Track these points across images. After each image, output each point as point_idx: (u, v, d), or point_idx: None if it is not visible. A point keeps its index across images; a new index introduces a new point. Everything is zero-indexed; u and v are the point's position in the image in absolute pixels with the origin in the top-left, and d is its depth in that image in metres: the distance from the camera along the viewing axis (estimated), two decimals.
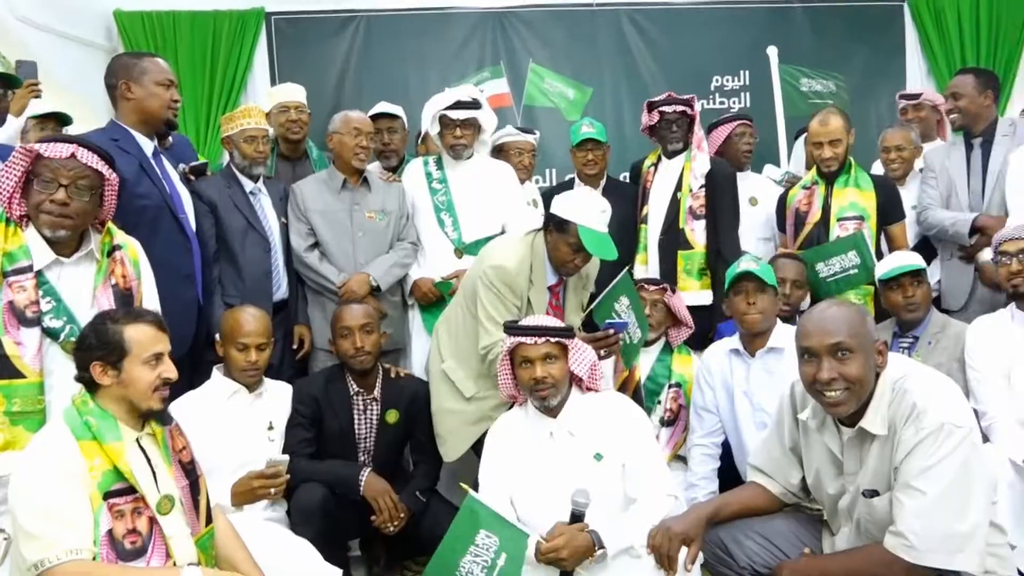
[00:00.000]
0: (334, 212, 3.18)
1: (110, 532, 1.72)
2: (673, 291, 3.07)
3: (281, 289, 3.14)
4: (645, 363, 3.04)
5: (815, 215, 3.27)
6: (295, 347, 3.16)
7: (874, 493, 1.87)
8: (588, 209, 2.55)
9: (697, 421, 2.86)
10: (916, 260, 2.84)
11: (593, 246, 2.52)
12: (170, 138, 3.43)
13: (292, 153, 3.67)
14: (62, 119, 3.32)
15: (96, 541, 1.70)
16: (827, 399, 1.86)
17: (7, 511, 1.84)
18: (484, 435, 2.48)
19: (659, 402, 3.00)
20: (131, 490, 1.76)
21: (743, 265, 2.73)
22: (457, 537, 2.06)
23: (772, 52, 4.43)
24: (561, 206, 2.57)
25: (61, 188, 1.95)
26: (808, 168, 3.88)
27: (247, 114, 3.15)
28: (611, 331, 2.60)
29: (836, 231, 3.20)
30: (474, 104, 3.26)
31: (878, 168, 3.75)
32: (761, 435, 2.25)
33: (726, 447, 2.84)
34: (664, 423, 3.00)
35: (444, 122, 3.27)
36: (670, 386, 3.00)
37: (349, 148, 3.17)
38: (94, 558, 1.69)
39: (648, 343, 3.03)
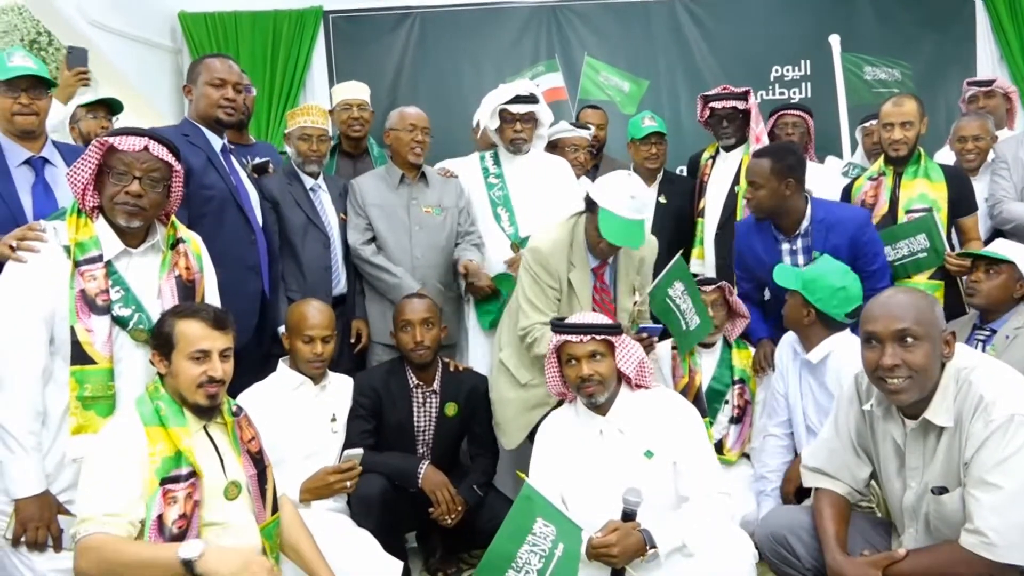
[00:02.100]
0: (392, 207, 3.22)
1: (160, 517, 1.78)
2: (731, 290, 3.00)
3: (340, 284, 3.19)
4: (707, 366, 2.98)
5: (882, 207, 3.16)
6: (352, 341, 3.20)
7: (943, 490, 1.81)
8: (617, 193, 2.52)
9: (771, 408, 2.78)
10: (1008, 253, 2.68)
11: (610, 230, 2.50)
12: (252, 138, 3.53)
13: (353, 150, 3.72)
14: (112, 106, 3.36)
15: (147, 524, 1.77)
16: (888, 386, 1.81)
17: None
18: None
19: (727, 401, 2.93)
20: (187, 476, 1.82)
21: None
22: (514, 526, 2.05)
23: (834, 40, 4.31)
24: (595, 187, 2.60)
25: (135, 180, 2.00)
26: (870, 158, 3.78)
27: (306, 112, 3.20)
28: (644, 335, 2.63)
29: None
30: (532, 98, 3.26)
31: (942, 158, 3.61)
32: (821, 434, 2.19)
33: None
34: (732, 421, 2.94)
35: (504, 116, 3.27)
36: (734, 382, 2.95)
37: (405, 144, 3.21)
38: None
39: (706, 345, 2.98)
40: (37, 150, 2.38)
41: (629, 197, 2.52)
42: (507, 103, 3.22)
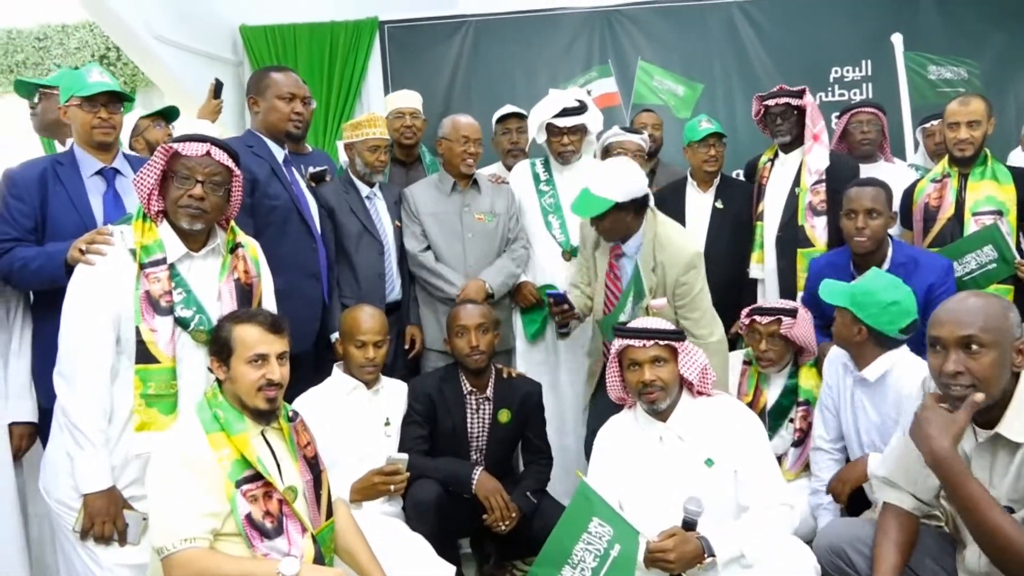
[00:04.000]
0: (445, 214, 3.24)
1: (249, 515, 1.83)
2: (793, 316, 2.78)
3: (394, 291, 3.22)
4: (773, 389, 2.88)
5: (947, 209, 3.06)
6: (407, 347, 3.23)
7: (1010, 509, 1.72)
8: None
9: (822, 424, 2.67)
10: None
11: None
12: (309, 147, 3.62)
13: (406, 158, 3.76)
14: (167, 115, 3.44)
15: (239, 523, 1.81)
16: (952, 393, 1.73)
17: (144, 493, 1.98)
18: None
19: (791, 420, 2.82)
20: (259, 476, 1.86)
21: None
22: (570, 523, 2.05)
23: (897, 39, 4.18)
24: None
25: (198, 184, 2.06)
26: (933, 160, 3.67)
27: (372, 123, 3.21)
28: (551, 299, 2.78)
29: (971, 227, 2.99)
30: (580, 109, 3.23)
31: (1016, 160, 3.48)
32: (890, 443, 2.10)
33: None
34: (794, 444, 2.81)
35: (551, 130, 3.26)
36: (798, 404, 2.82)
37: (456, 155, 3.23)
38: (228, 546, 1.81)
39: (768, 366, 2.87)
40: (109, 161, 2.47)
41: (598, 169, 2.74)
42: (554, 117, 3.20)
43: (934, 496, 1.99)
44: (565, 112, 3.20)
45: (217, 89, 3.69)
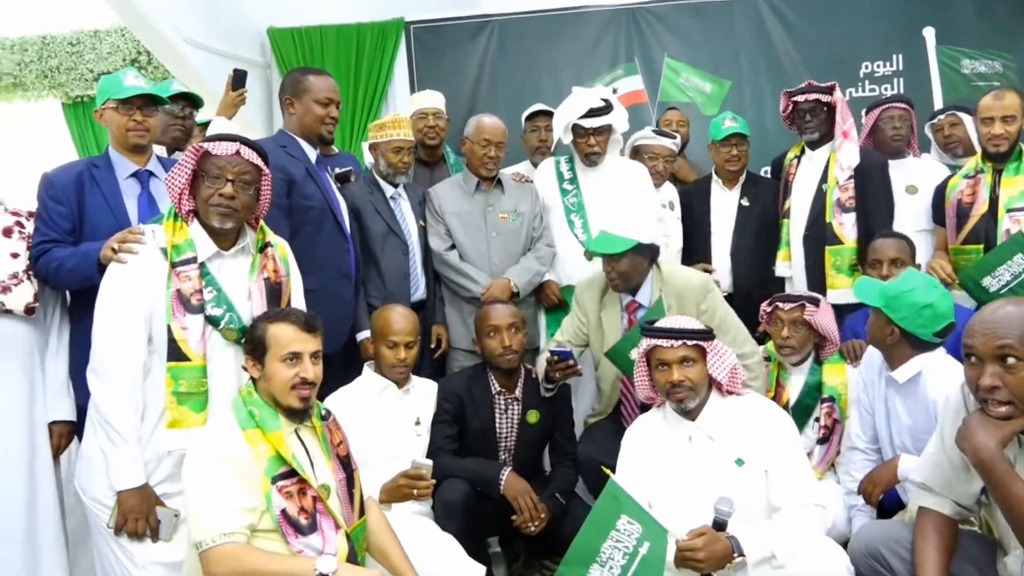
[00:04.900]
0: (469, 214, 3.25)
1: (284, 511, 1.84)
2: (816, 304, 2.75)
3: (419, 290, 3.24)
4: (795, 384, 2.83)
5: (981, 206, 3.01)
6: (432, 346, 3.24)
7: None
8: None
9: (858, 423, 2.60)
10: None
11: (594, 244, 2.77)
12: (335, 148, 3.63)
13: (429, 158, 3.77)
14: (195, 100, 3.41)
15: (274, 519, 1.83)
16: (990, 409, 1.67)
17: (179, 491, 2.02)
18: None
19: (816, 419, 2.78)
20: (294, 473, 1.88)
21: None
22: (598, 521, 2.03)
23: (929, 33, 4.13)
24: None
25: (228, 183, 2.09)
26: (945, 154, 3.61)
27: (397, 124, 3.23)
28: (555, 357, 2.68)
29: (1005, 223, 2.94)
30: (605, 108, 3.21)
31: None
32: (926, 448, 2.06)
33: None
34: (819, 441, 2.77)
35: (577, 131, 3.24)
36: (823, 401, 2.77)
37: (478, 157, 3.24)
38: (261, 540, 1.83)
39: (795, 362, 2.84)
40: (143, 164, 2.52)
41: (614, 211, 2.77)
42: (580, 118, 3.18)
43: (974, 502, 1.95)
44: (591, 112, 3.18)
45: (236, 80, 3.54)
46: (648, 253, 2.78)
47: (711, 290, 2.80)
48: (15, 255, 2.35)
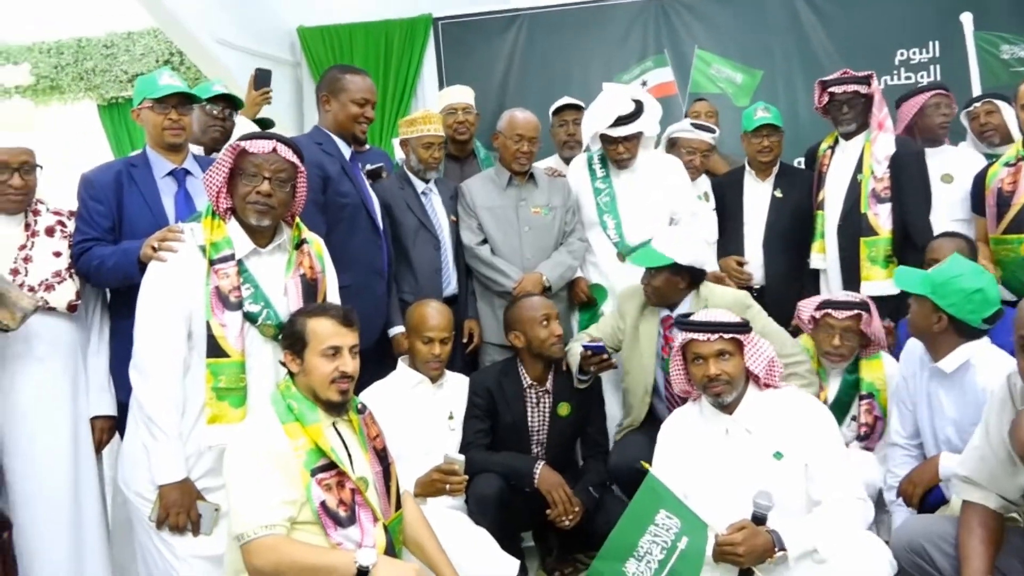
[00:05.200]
0: (501, 208, 3.24)
1: (323, 504, 1.86)
2: (868, 312, 2.69)
3: (451, 285, 3.24)
4: (832, 381, 2.79)
5: (1022, 195, 2.94)
6: (464, 341, 3.25)
7: None
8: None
9: (898, 419, 2.55)
10: None
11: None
12: (366, 144, 3.65)
13: (460, 153, 3.77)
14: (235, 102, 3.40)
15: (314, 512, 1.85)
16: None
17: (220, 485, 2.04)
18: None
19: (854, 418, 2.74)
20: (333, 465, 1.90)
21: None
22: (636, 515, 2.02)
23: (966, 19, 4.04)
24: None
25: (265, 180, 2.11)
26: (981, 142, 3.52)
27: (427, 120, 3.23)
28: (588, 352, 2.68)
29: None
30: (634, 114, 3.13)
31: None
32: (971, 442, 2.02)
33: None
34: (859, 438, 2.73)
35: (605, 139, 3.21)
36: (861, 398, 2.72)
37: (511, 152, 3.23)
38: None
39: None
40: (180, 162, 2.55)
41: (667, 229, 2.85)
42: (608, 128, 3.13)
43: (1020, 495, 1.91)
44: (619, 121, 3.12)
45: (258, 79, 3.53)
46: (688, 275, 2.75)
47: (749, 305, 2.77)
48: (58, 254, 2.40)
